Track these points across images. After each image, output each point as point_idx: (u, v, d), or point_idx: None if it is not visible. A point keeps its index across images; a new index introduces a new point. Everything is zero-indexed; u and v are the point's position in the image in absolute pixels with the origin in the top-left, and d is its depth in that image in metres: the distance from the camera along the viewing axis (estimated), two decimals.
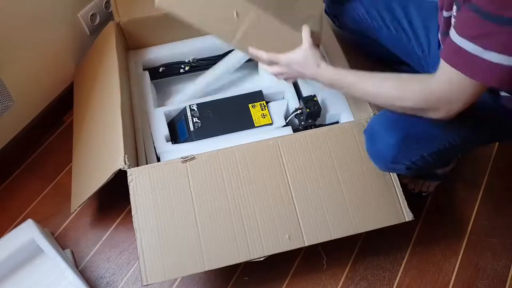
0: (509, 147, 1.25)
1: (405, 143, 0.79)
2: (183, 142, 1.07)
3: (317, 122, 1.07)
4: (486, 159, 1.23)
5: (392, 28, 0.97)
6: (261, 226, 0.88)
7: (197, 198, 0.89)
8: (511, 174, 1.21)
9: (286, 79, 0.93)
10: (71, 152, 1.18)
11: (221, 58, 1.24)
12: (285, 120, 1.08)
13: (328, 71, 0.83)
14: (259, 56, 0.89)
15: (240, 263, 0.87)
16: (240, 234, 0.87)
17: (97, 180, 0.95)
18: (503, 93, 0.75)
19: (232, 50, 1.22)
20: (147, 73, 1.21)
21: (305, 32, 0.86)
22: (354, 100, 1.07)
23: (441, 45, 0.83)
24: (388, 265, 1.07)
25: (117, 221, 1.14)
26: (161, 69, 1.25)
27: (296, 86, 1.16)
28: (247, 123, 1.08)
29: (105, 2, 1.29)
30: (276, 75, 0.91)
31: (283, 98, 1.16)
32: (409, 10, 0.95)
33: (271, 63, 0.89)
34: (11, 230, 1.08)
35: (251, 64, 1.30)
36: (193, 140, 1.05)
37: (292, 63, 0.86)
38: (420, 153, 0.80)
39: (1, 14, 1.01)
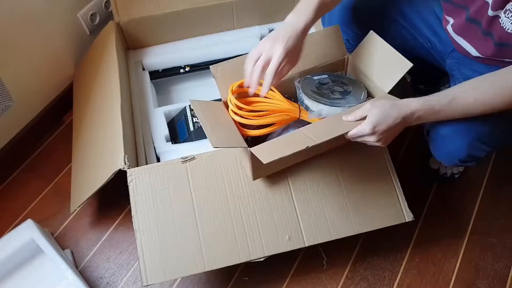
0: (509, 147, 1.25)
1: (474, 145, 0.81)
2: (183, 142, 1.07)
3: None
4: (486, 159, 1.23)
5: (394, 32, 0.98)
6: (261, 226, 0.88)
7: (197, 198, 0.89)
8: (511, 174, 1.21)
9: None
10: (71, 152, 1.18)
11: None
12: None
13: (415, 102, 0.76)
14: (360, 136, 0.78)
15: (240, 264, 0.87)
16: (240, 235, 0.87)
17: (97, 180, 0.95)
18: None
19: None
20: (147, 73, 1.21)
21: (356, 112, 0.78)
22: None
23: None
24: (388, 265, 1.07)
25: (117, 221, 1.14)
26: (161, 69, 1.25)
27: None
28: None
29: (105, 2, 1.29)
30: (377, 141, 0.79)
31: None
32: (403, 12, 0.97)
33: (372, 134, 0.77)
34: (11, 230, 1.08)
35: None
36: (193, 140, 1.05)
37: (375, 125, 0.75)
38: (486, 150, 0.83)
39: (0, 14, 1.01)
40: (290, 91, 0.92)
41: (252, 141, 0.86)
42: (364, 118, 0.77)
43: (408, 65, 0.82)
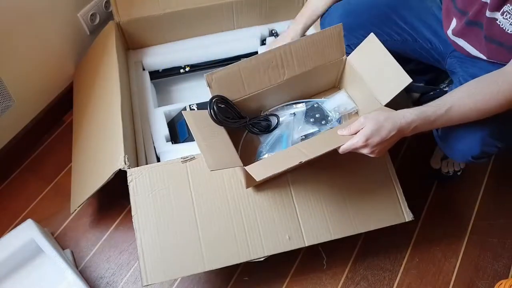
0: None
1: (487, 142, 0.81)
2: (183, 142, 1.07)
3: None
4: (502, 154, 1.23)
5: (395, 35, 0.98)
6: (261, 226, 0.88)
7: (197, 198, 0.89)
8: (511, 174, 1.21)
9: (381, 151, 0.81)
10: (71, 152, 1.18)
11: (217, 64, 1.25)
12: None
13: (411, 113, 0.76)
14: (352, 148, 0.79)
15: (240, 263, 0.87)
16: (240, 234, 0.87)
17: (97, 180, 0.95)
18: None
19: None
20: (147, 73, 1.21)
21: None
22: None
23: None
24: (388, 265, 1.07)
25: (117, 221, 1.14)
26: (161, 69, 1.25)
27: None
28: None
29: (105, 2, 1.29)
30: (371, 153, 0.80)
31: None
32: (402, 15, 0.98)
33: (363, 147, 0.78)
34: (11, 230, 1.08)
35: None
36: (193, 140, 1.05)
37: (369, 138, 0.76)
38: (500, 146, 0.83)
39: (0, 14, 1.01)
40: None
41: None
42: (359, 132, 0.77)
43: (407, 80, 0.81)
